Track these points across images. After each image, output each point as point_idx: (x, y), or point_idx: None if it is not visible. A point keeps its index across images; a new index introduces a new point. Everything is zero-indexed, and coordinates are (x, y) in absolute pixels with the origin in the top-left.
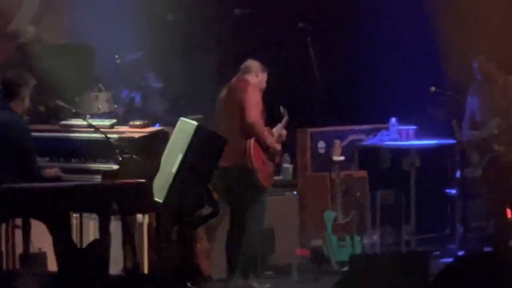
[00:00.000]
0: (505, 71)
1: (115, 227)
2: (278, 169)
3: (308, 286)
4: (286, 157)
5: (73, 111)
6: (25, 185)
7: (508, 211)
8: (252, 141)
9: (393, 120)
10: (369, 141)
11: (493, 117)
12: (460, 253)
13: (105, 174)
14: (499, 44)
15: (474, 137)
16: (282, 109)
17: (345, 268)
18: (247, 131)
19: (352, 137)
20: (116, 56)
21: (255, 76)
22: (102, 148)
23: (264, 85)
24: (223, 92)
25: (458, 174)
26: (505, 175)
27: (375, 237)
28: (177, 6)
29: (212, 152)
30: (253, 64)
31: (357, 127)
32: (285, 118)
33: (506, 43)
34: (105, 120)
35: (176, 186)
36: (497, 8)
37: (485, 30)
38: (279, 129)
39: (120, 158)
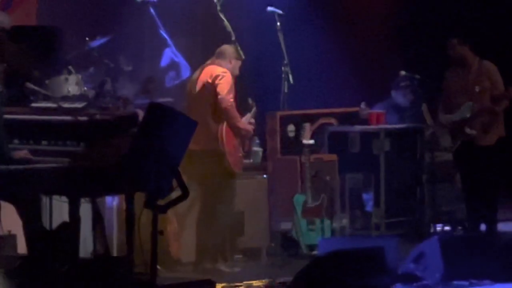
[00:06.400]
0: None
1: (85, 210)
2: (248, 154)
3: (277, 269)
4: (256, 139)
5: (43, 93)
6: None
7: None
8: (224, 126)
9: (362, 104)
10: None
11: (466, 101)
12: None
13: (75, 156)
14: None
15: (446, 120)
16: (250, 101)
17: (314, 252)
18: (220, 115)
19: (322, 120)
20: (87, 38)
21: (229, 63)
22: (72, 131)
23: (237, 72)
24: (195, 75)
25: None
26: (476, 159)
27: (345, 221)
28: None
29: (182, 135)
30: (228, 49)
31: (327, 111)
32: (254, 110)
33: None
34: (75, 102)
35: (146, 168)
36: None
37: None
38: (248, 119)
39: (90, 141)
